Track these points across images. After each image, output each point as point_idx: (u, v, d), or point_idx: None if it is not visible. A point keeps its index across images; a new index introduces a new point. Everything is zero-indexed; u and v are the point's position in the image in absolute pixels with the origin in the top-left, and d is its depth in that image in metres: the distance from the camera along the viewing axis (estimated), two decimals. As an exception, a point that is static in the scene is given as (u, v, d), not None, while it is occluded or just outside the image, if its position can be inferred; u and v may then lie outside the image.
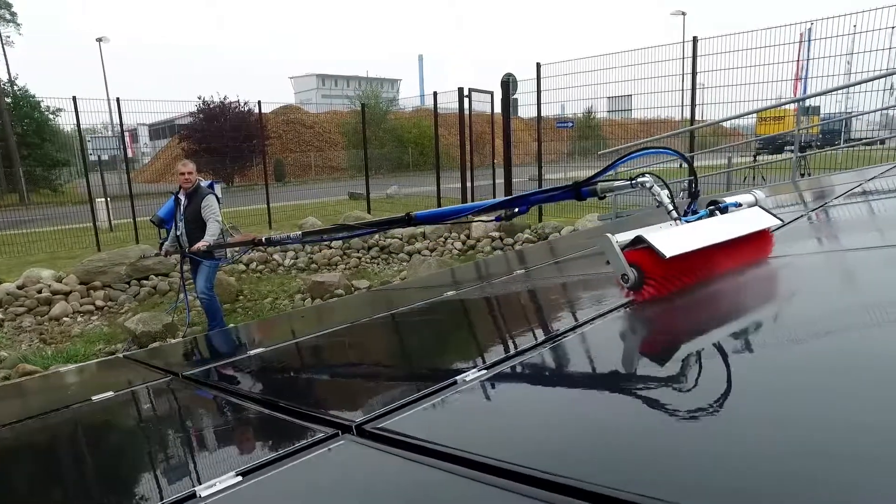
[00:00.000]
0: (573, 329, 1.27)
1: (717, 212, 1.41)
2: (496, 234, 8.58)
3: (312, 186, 22.50)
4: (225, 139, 22.48)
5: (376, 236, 9.28)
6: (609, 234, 1.26)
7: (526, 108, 10.50)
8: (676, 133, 9.39)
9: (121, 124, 12.13)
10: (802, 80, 9.67)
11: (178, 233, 5.35)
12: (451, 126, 14.35)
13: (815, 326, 1.05)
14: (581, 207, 8.76)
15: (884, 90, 9.05)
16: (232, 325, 5.53)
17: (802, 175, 9.78)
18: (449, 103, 11.31)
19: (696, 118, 8.87)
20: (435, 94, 10.44)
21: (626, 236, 1.29)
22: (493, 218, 1.96)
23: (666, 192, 1.36)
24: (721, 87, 8.57)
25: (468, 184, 9.96)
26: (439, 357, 1.45)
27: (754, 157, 12.49)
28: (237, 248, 5.66)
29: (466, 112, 10.37)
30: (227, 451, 1.06)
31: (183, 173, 5.35)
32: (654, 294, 1.26)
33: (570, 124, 14.79)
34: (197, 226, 5.22)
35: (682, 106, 8.99)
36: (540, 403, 0.96)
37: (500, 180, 9.88)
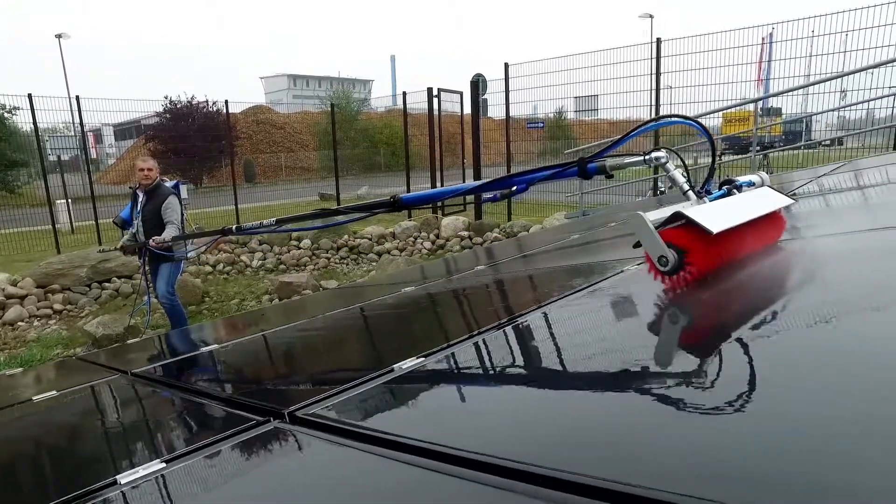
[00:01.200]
0: (511, 319, 1.29)
1: (734, 190, 1.33)
2: (465, 233, 8.62)
3: (283, 187, 22.27)
4: (193, 140, 22.07)
5: (345, 236, 9.23)
6: (641, 212, 1.13)
7: (498, 109, 10.60)
8: (647, 128, 9.49)
9: (81, 123, 11.81)
10: (765, 82, 9.95)
11: (135, 231, 5.15)
12: (422, 126, 14.34)
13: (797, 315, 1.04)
14: (549, 206, 8.87)
15: (836, 92, 9.37)
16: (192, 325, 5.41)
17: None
18: (420, 103, 11.32)
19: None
20: (404, 94, 10.43)
21: (660, 214, 1.17)
22: (490, 197, 1.79)
23: (681, 170, 1.27)
24: (687, 87, 8.79)
25: (438, 184, 9.99)
26: (381, 348, 1.46)
27: (720, 156, 12.79)
28: (200, 244, 5.50)
29: (436, 113, 10.39)
30: (158, 440, 1.05)
31: (142, 169, 5.13)
32: (693, 278, 1.12)
33: (541, 125, 14.93)
34: (155, 225, 5.04)
35: (650, 106, 9.17)
36: (473, 389, 0.97)
37: (470, 180, 9.95)
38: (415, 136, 14.67)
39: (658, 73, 8.28)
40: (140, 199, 5.14)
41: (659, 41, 8.17)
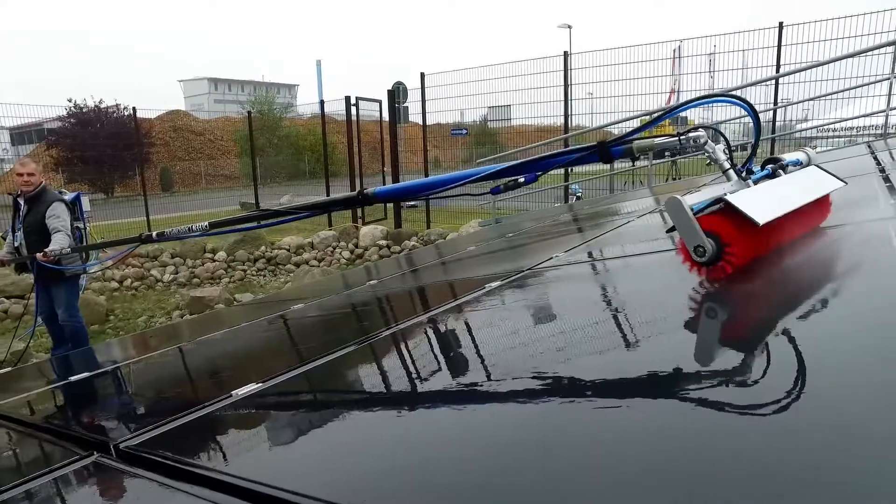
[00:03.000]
0: (368, 338, 1.26)
1: (780, 171, 1.23)
2: (384, 242, 8.64)
3: (203, 196, 21.38)
4: (102, 146, 20.79)
5: (262, 248, 9.02)
6: (679, 196, 1.03)
7: (429, 116, 10.72)
8: (566, 136, 9.96)
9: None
10: (676, 93, 10.61)
11: (17, 244, 4.59)
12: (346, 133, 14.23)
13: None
14: (465, 214, 9.05)
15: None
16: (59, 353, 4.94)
17: (675, 178, 10.71)
18: (343, 111, 11.21)
19: (570, 126, 9.49)
20: (322, 102, 10.36)
21: (700, 197, 1.08)
22: (487, 191, 1.55)
23: (722, 146, 1.17)
24: (606, 97, 9.27)
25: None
26: (229, 373, 1.44)
27: (633, 162, 13.49)
28: (107, 259, 5.02)
29: (364, 121, 10.35)
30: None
31: (21, 174, 4.54)
32: (732, 270, 1.02)
33: (464, 132, 15.18)
34: (39, 237, 4.48)
35: (568, 115, 9.57)
36: (313, 417, 0.92)
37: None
38: (341, 142, 14.53)
39: (567, 85, 8.67)
40: (21, 209, 4.59)
41: (566, 54, 8.58)
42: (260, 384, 1.04)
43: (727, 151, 1.15)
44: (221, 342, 1.88)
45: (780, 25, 7.73)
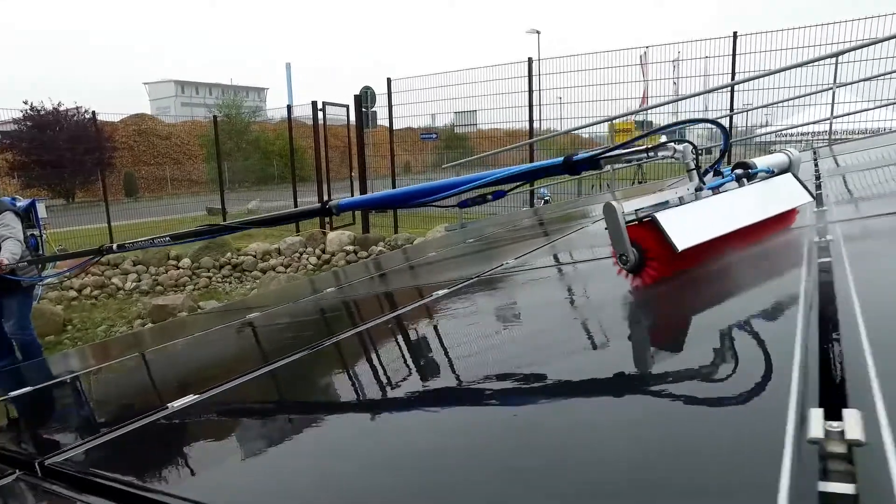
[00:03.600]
0: (314, 347, 1.26)
1: (745, 179, 1.21)
2: (351, 247, 8.61)
3: (168, 202, 20.95)
4: (60, 150, 20.19)
5: (228, 254, 8.89)
6: (614, 202, 1.05)
7: (398, 121, 10.73)
8: (537, 140, 10.09)
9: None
10: (647, 99, 10.84)
11: None
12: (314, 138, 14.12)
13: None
14: (432, 219, 9.08)
15: (700, 111, 10.44)
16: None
17: (640, 182, 10.93)
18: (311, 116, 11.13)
19: (541, 130, 9.64)
20: (289, 106, 10.29)
21: (637, 205, 1.09)
22: (454, 205, 1.54)
23: (689, 147, 1.15)
24: (576, 103, 9.44)
25: (325, 196, 9.90)
26: (168, 385, 1.43)
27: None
28: (65, 269, 4.85)
29: (324, 125, 10.30)
30: None
31: None
32: (653, 280, 1.06)
33: (434, 136, 15.20)
34: None
35: (533, 120, 9.70)
36: (254, 430, 0.90)
37: (357, 193, 9.96)
38: (310, 147, 14.43)
39: (531, 90, 8.80)
40: None
41: (531, 60, 8.71)
42: (198, 395, 1.03)
43: (694, 153, 1.15)
44: (171, 353, 1.87)
45: (735, 35, 7.99)
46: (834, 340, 0.65)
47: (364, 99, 10.18)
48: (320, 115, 9.86)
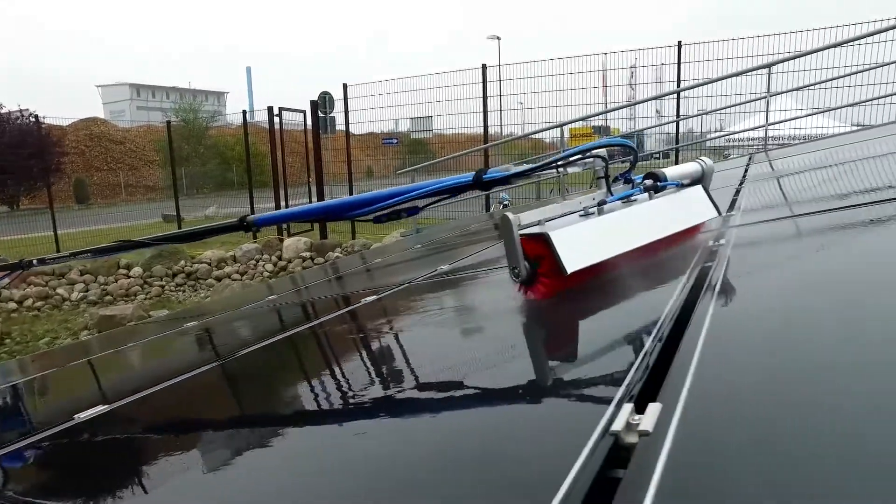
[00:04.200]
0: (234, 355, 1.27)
1: (652, 191, 1.21)
2: (308, 253, 8.55)
3: (122, 209, 20.32)
4: (5, 155, 19.36)
5: (182, 262, 8.71)
6: (511, 214, 1.02)
7: (360, 126, 10.73)
8: (491, 145, 10.25)
9: None
10: (604, 104, 11.13)
11: None
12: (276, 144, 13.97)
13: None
14: (390, 224, 9.08)
15: (653, 116, 10.79)
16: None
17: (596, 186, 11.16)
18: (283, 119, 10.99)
19: (496, 136, 9.80)
20: (245, 112, 10.16)
21: (538, 216, 1.08)
22: (370, 219, 1.48)
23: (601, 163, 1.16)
24: (537, 108, 9.62)
25: (282, 202, 9.81)
26: (80, 395, 1.40)
27: (557, 169, 14.01)
28: None
29: (280, 130, 10.20)
30: None
31: None
32: (545, 295, 1.04)
33: (395, 141, 15.23)
34: None
35: (488, 126, 9.84)
36: (160, 443, 0.86)
37: (314, 198, 9.89)
38: (270, 152, 14.27)
39: (485, 97, 8.93)
40: None
41: (484, 67, 8.84)
42: (106, 406, 1.00)
43: (605, 162, 1.18)
44: (92, 364, 1.84)
45: (679, 44, 8.29)
46: (674, 341, 0.71)
47: (322, 104, 10.13)
48: (277, 120, 9.77)
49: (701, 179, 1.33)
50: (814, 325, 0.74)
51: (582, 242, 1.04)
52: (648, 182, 1.22)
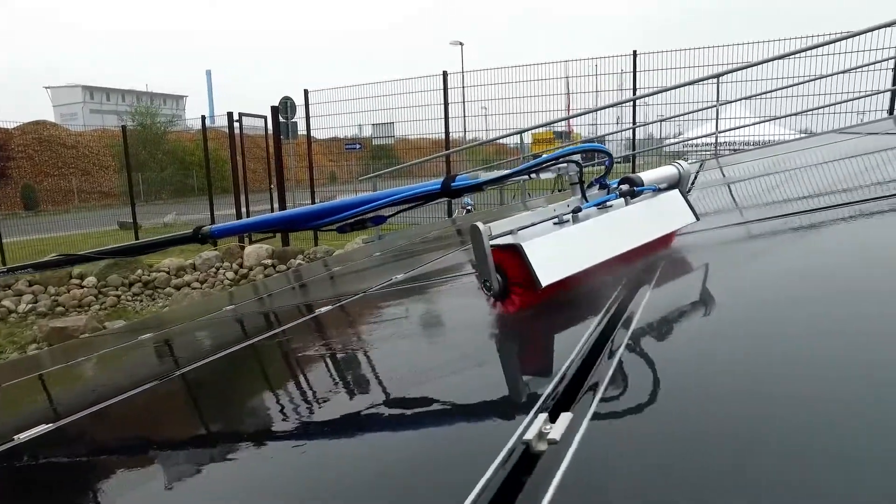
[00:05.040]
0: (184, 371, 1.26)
1: (629, 196, 1.16)
2: (269, 260, 8.44)
3: (76, 215, 19.60)
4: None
5: (139, 270, 8.47)
6: (481, 224, 0.96)
7: (323, 131, 10.65)
8: (460, 149, 10.33)
9: None
10: (568, 110, 11.34)
11: None
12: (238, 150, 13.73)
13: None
14: (352, 233, 9.05)
15: (613, 123, 11.06)
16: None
17: (560, 190, 11.37)
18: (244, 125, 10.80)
19: (459, 141, 9.90)
20: (203, 117, 9.99)
21: (509, 225, 1.01)
22: (333, 229, 1.41)
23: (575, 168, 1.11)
24: (501, 114, 9.75)
25: (243, 209, 9.67)
26: (21, 415, 1.36)
27: (530, 175, 14.28)
28: None
29: (241, 136, 10.05)
30: None
31: None
32: (518, 308, 0.99)
33: (358, 146, 15.17)
34: None
35: (449, 132, 9.93)
36: (102, 464, 0.83)
37: (276, 204, 9.79)
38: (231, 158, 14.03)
39: (446, 103, 9.02)
40: None
41: (445, 73, 8.93)
42: (52, 424, 0.98)
43: (579, 168, 1.11)
44: (42, 379, 1.80)
45: (634, 53, 8.54)
46: (595, 354, 0.75)
47: (283, 109, 10.04)
48: (237, 126, 9.63)
49: (678, 183, 1.27)
50: (734, 335, 0.80)
51: (556, 253, 0.99)
52: (625, 187, 1.16)
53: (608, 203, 1.14)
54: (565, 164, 1.11)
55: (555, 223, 1.08)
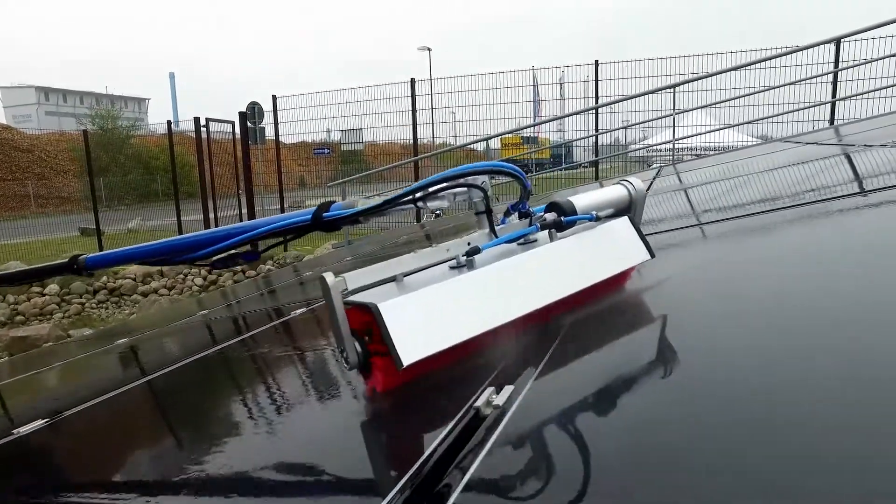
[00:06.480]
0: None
1: (554, 229, 0.89)
2: (238, 266, 8.41)
3: (33, 222, 18.99)
4: None
5: (104, 277, 8.34)
6: (330, 277, 0.70)
7: (291, 136, 10.62)
8: (432, 155, 10.45)
9: None
10: (534, 116, 11.56)
11: None
12: (210, 154, 13.57)
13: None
14: (321, 237, 9.09)
15: (580, 130, 11.33)
16: None
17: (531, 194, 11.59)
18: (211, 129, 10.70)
19: (429, 147, 10.05)
20: (170, 122, 9.88)
21: (377, 274, 0.78)
22: (207, 264, 1.17)
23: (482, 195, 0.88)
24: (471, 121, 9.92)
25: (211, 214, 9.60)
26: None
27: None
28: None
29: (208, 141, 9.98)
30: None
31: None
32: (386, 388, 0.75)
33: (327, 151, 15.15)
34: None
35: (417, 138, 10.05)
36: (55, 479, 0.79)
37: (244, 209, 9.75)
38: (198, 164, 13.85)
39: (414, 109, 9.15)
40: None
41: (413, 81, 9.07)
42: (9, 437, 0.95)
43: (484, 194, 0.88)
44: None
45: (596, 63, 8.83)
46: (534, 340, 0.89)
47: (251, 115, 10.01)
48: (203, 131, 9.56)
49: (628, 208, 0.98)
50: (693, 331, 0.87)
51: (433, 314, 0.73)
52: (550, 217, 0.90)
53: (529, 237, 0.88)
54: (465, 189, 0.87)
55: (451, 267, 0.83)
